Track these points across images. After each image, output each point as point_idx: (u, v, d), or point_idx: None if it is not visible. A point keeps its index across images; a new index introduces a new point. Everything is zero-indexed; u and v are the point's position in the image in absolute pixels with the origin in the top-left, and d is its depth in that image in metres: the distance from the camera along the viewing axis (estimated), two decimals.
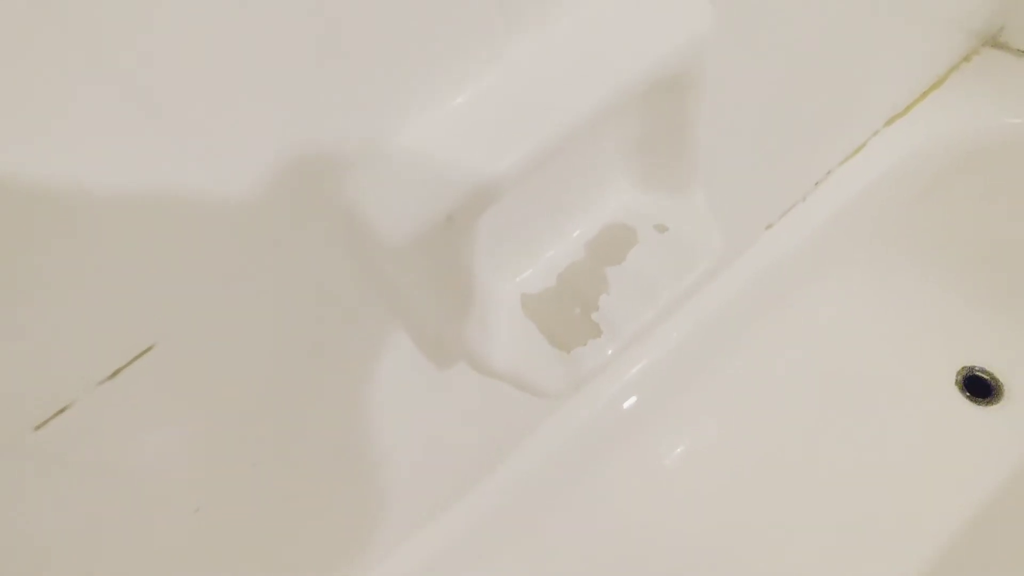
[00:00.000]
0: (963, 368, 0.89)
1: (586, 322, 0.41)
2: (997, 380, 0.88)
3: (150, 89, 0.24)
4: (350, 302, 0.40)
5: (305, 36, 0.26)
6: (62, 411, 0.30)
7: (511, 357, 0.40)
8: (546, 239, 0.42)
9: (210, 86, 0.25)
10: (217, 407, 0.37)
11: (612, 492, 0.84)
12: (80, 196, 0.25)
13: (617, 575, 0.81)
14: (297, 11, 0.25)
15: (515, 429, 0.71)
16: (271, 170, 0.29)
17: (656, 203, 0.43)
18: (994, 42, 0.77)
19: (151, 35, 0.23)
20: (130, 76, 0.23)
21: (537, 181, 0.36)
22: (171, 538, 0.41)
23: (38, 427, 0.29)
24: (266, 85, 0.26)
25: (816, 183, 0.78)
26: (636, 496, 0.85)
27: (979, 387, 0.88)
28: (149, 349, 0.30)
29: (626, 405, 0.80)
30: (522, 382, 0.40)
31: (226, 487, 0.43)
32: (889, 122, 0.78)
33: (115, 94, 0.23)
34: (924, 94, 0.77)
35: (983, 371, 0.89)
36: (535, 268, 0.42)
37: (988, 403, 0.87)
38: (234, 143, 0.27)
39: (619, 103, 0.32)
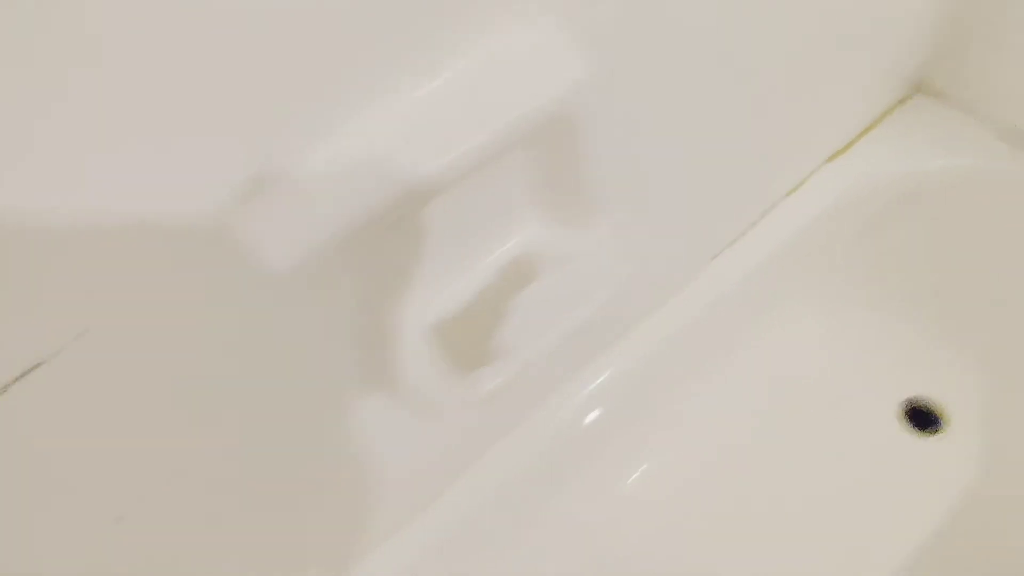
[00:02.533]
0: (907, 400, 0.91)
1: (488, 346, 0.43)
2: (941, 411, 0.90)
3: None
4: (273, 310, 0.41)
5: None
6: None
7: (414, 378, 0.43)
8: (455, 268, 0.45)
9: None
10: (139, 406, 0.39)
11: (575, 510, 0.85)
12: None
13: None
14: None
15: (472, 447, 0.70)
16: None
17: (560, 236, 0.45)
18: (926, 88, 0.81)
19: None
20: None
21: (443, 211, 0.39)
22: (88, 549, 0.42)
23: None
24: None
25: (763, 213, 0.81)
26: (598, 515, 0.86)
27: (921, 418, 0.90)
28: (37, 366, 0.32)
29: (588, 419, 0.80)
30: (422, 402, 0.42)
31: (152, 498, 0.44)
32: (831, 158, 0.81)
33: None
34: (861, 133, 0.80)
35: (926, 402, 0.91)
36: (443, 295, 0.45)
37: (931, 433, 0.89)
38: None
39: (504, 144, 0.35)
